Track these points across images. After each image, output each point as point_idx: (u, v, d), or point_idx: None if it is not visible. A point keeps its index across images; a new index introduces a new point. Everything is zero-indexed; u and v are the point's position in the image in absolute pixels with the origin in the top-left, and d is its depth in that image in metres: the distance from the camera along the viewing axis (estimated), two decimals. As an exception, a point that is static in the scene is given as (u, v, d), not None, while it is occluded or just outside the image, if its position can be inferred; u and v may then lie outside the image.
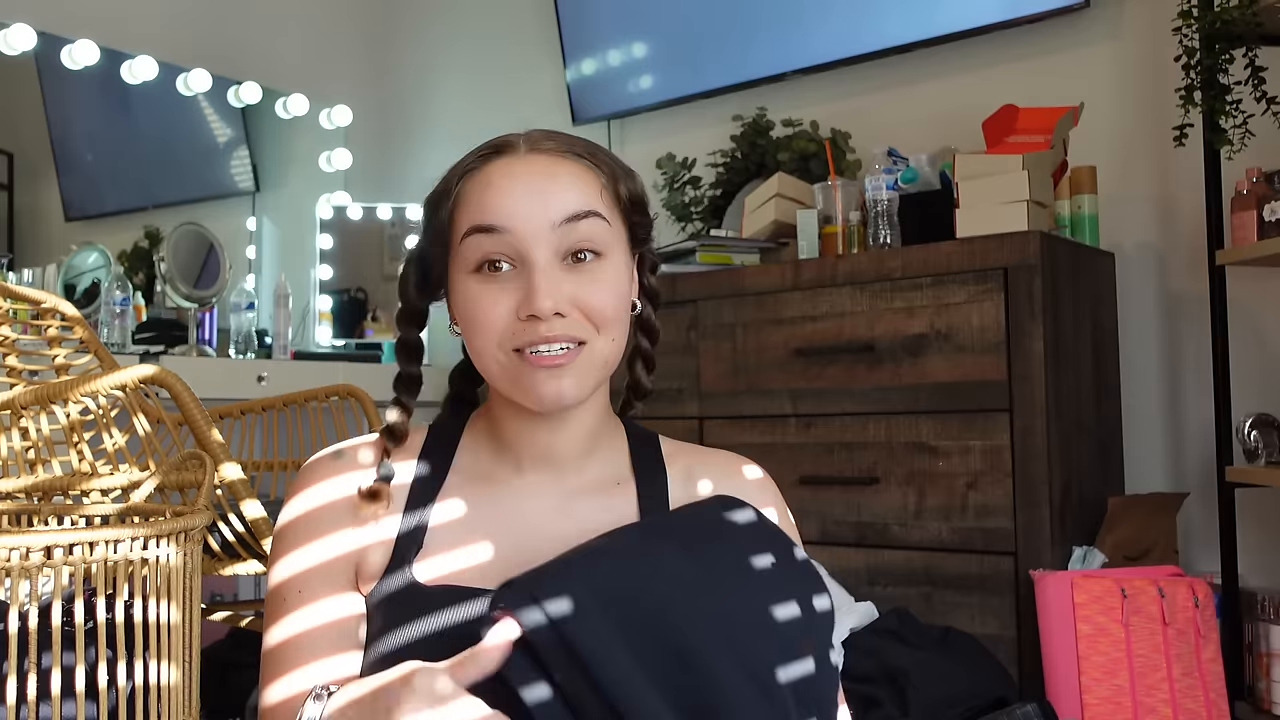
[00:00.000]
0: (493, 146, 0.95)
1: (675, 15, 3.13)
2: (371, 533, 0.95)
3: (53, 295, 2.03)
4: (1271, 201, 2.02)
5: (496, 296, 0.89)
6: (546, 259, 0.89)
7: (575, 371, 0.90)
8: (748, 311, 2.43)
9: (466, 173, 0.94)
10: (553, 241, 0.89)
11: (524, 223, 0.89)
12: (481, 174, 0.93)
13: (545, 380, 0.89)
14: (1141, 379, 2.44)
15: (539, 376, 0.89)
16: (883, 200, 2.33)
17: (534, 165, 0.92)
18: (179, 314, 3.09)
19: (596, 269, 0.91)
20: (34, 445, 1.54)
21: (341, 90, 3.77)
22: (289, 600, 0.94)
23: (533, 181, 0.90)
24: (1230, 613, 2.10)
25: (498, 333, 0.89)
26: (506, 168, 0.92)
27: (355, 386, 2.34)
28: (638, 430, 1.04)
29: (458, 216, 0.93)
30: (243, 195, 3.67)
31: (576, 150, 0.94)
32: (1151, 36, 2.43)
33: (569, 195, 0.90)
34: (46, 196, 3.20)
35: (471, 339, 0.93)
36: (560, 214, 0.89)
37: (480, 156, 0.95)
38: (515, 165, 0.92)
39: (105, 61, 3.15)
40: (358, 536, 0.95)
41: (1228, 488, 2.13)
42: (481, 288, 0.90)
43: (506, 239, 0.89)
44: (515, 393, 0.92)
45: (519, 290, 0.89)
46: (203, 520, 1.10)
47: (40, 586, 0.97)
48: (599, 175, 0.93)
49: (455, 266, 0.93)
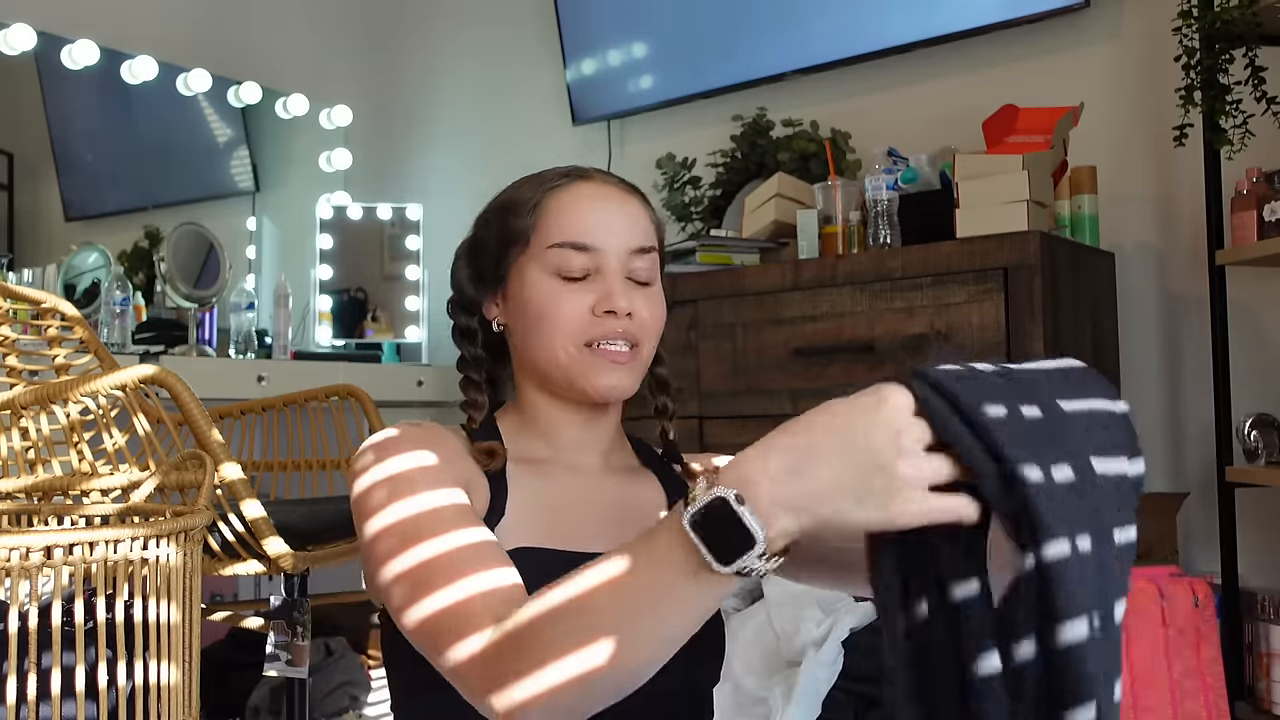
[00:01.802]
0: (571, 170, 1.08)
1: (675, 15, 3.13)
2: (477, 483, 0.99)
3: (53, 295, 2.03)
4: (1271, 201, 2.02)
5: (575, 295, 1.02)
6: (617, 273, 1.03)
7: (632, 369, 1.04)
8: (748, 311, 2.43)
9: (553, 188, 1.06)
10: (625, 263, 1.04)
11: (610, 244, 1.03)
12: (569, 192, 1.05)
13: (610, 371, 1.02)
14: (1141, 379, 2.44)
15: (605, 368, 1.02)
16: (883, 200, 2.33)
17: (613, 195, 1.07)
18: (179, 314, 3.09)
19: (651, 290, 1.06)
20: (34, 445, 1.54)
21: (341, 90, 3.77)
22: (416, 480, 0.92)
23: (617, 210, 1.06)
24: (1230, 613, 2.10)
25: (574, 326, 1.02)
26: (596, 191, 1.06)
27: (355, 386, 2.34)
28: (637, 440, 1.17)
29: (544, 226, 1.04)
30: (243, 195, 3.67)
31: (634, 188, 1.10)
32: (1151, 36, 2.43)
33: (640, 227, 1.06)
34: (46, 196, 3.20)
35: (541, 329, 1.03)
36: (635, 243, 1.05)
37: (563, 175, 1.07)
38: (598, 191, 1.06)
39: (105, 61, 3.15)
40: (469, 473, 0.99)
41: (1228, 488, 2.13)
42: (563, 286, 1.02)
43: (593, 256, 1.03)
44: (577, 381, 1.03)
45: (595, 292, 1.02)
46: (203, 520, 1.10)
47: (40, 586, 0.97)
48: (650, 212, 1.09)
49: (531, 267, 1.04)
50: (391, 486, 0.92)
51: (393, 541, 0.89)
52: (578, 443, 1.08)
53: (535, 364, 1.05)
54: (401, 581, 0.87)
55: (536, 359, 1.04)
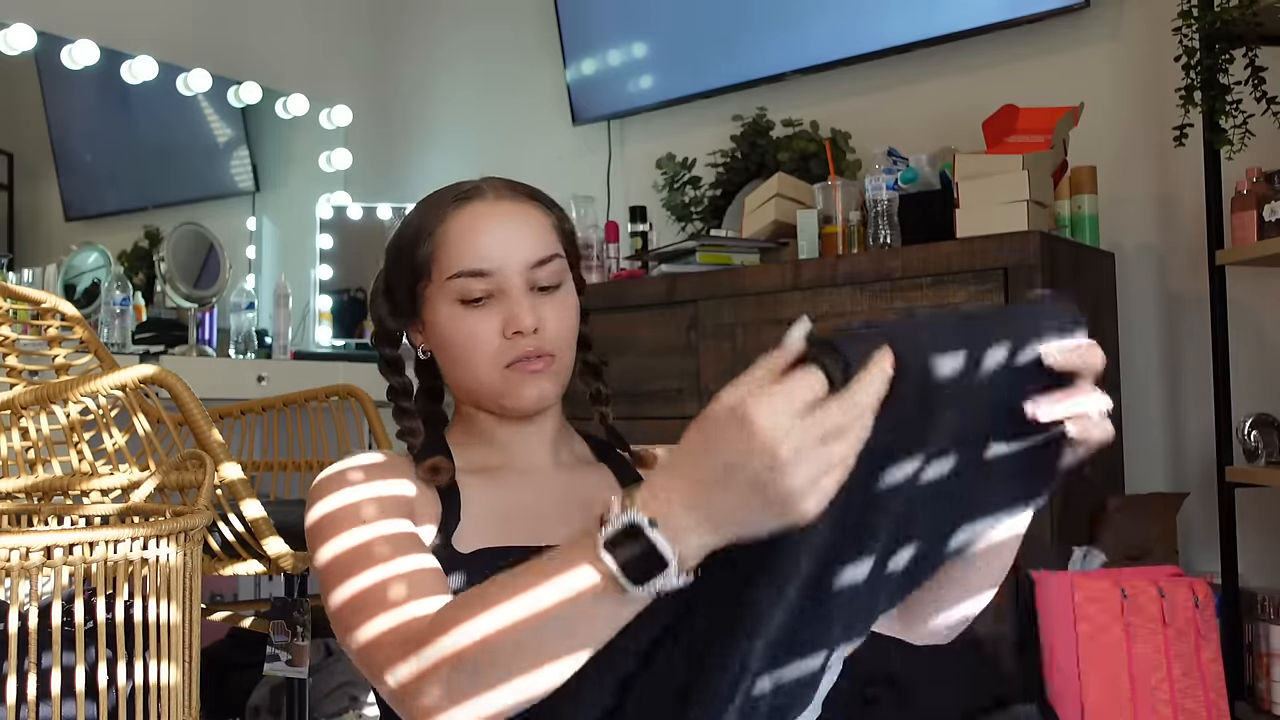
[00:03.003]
0: (461, 192, 1.09)
1: (675, 15, 3.13)
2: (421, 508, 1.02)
3: (53, 295, 2.03)
4: (1271, 201, 2.02)
5: (483, 321, 1.05)
6: (520, 289, 1.05)
7: (551, 377, 1.07)
8: (748, 311, 2.42)
9: (446, 214, 1.07)
10: (525, 277, 1.06)
11: (505, 265, 1.05)
12: (460, 216, 1.07)
13: (530, 384, 1.05)
14: (1141, 379, 2.44)
15: (526, 381, 1.05)
16: (883, 200, 2.33)
17: (503, 211, 1.07)
18: (179, 314, 3.09)
19: (557, 296, 1.08)
20: (34, 445, 1.54)
21: (341, 90, 3.77)
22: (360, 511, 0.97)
23: (511, 226, 1.07)
24: (1230, 613, 2.10)
25: (490, 352, 1.05)
26: (484, 213, 1.07)
27: (355, 386, 2.34)
28: (590, 435, 1.20)
29: (441, 257, 1.06)
30: (243, 195, 3.67)
31: (531, 194, 1.11)
32: (1151, 36, 2.43)
33: (536, 241, 1.07)
34: (46, 196, 3.20)
35: (459, 359, 1.07)
36: (532, 257, 1.06)
37: (455, 199, 1.08)
38: (490, 211, 1.07)
39: (105, 61, 3.15)
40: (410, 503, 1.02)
41: (1228, 488, 2.13)
42: (469, 315, 1.05)
43: (493, 279, 1.05)
44: (505, 400, 1.07)
45: (501, 313, 1.05)
46: (203, 520, 1.10)
47: (40, 586, 0.97)
48: (548, 216, 1.10)
49: (438, 298, 1.07)
50: (336, 519, 0.97)
51: (336, 571, 0.94)
52: (523, 447, 1.11)
53: (463, 386, 1.09)
54: (343, 610, 0.92)
55: (462, 382, 1.08)
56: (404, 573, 0.92)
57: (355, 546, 0.95)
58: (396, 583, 0.91)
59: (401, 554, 0.93)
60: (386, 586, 0.91)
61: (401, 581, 0.90)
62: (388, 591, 0.90)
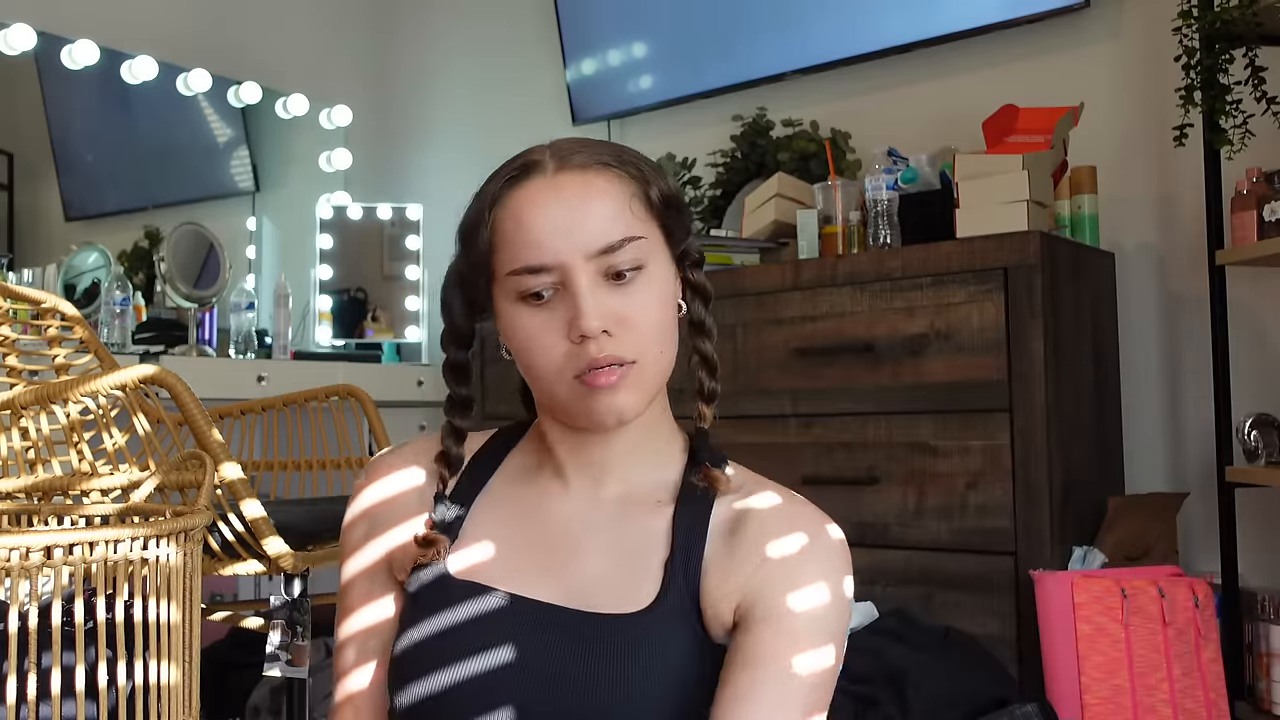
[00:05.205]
0: (519, 167, 0.94)
1: (675, 15, 3.13)
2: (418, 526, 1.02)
3: (53, 295, 2.02)
4: (1271, 201, 2.02)
5: (547, 324, 0.90)
6: (588, 282, 0.89)
7: (629, 388, 0.90)
8: (748, 311, 2.43)
9: (500, 194, 0.93)
10: (594, 266, 0.90)
11: (565, 255, 0.89)
12: (513, 201, 0.92)
13: (602, 400, 0.89)
14: (1141, 379, 2.44)
15: (598, 397, 0.89)
16: (883, 200, 2.33)
17: (563, 191, 0.91)
18: (179, 314, 3.09)
19: (638, 283, 0.91)
20: (34, 445, 1.54)
21: (341, 90, 3.77)
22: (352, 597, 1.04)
23: (567, 210, 0.90)
24: (1230, 613, 2.10)
25: (555, 360, 0.90)
26: (539, 193, 0.91)
27: (355, 386, 2.34)
28: (706, 449, 0.99)
29: (498, 250, 0.92)
30: (243, 195, 3.67)
31: (604, 159, 0.93)
32: (1151, 36, 2.43)
33: (601, 224, 0.90)
34: (46, 196, 3.20)
35: (529, 367, 0.93)
36: (596, 246, 0.89)
37: (508, 181, 0.94)
38: (546, 189, 0.91)
39: (105, 61, 3.15)
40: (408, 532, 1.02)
41: (1228, 488, 2.13)
42: (531, 317, 0.91)
43: (553, 273, 0.89)
44: (577, 417, 0.92)
45: (566, 313, 0.89)
46: (203, 520, 1.10)
47: (40, 586, 0.97)
48: (628, 184, 0.93)
49: (500, 297, 0.93)
50: (343, 540, 1.06)
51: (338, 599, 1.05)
52: (586, 464, 0.97)
53: (537, 393, 0.96)
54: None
55: (537, 389, 0.96)
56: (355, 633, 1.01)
57: (342, 585, 1.04)
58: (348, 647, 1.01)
59: (365, 602, 1.02)
60: (342, 649, 1.01)
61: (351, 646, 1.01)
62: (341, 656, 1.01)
